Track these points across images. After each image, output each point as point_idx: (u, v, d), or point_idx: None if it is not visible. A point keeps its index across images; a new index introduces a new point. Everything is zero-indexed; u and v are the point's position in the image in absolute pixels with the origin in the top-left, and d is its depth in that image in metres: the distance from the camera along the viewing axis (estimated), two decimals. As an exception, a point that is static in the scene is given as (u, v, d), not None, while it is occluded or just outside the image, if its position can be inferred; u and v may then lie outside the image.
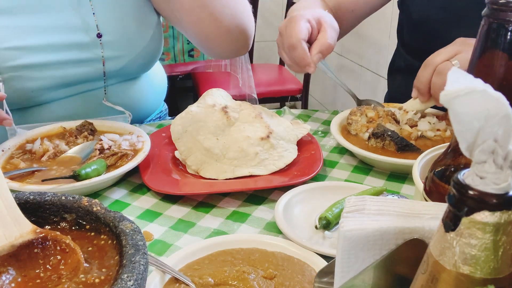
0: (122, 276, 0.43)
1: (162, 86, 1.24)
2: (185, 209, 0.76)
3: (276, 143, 0.86)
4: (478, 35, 0.44)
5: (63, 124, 0.93)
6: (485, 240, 0.27)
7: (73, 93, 1.02)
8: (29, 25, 0.91)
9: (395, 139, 0.87)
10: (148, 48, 1.04)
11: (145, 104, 1.16)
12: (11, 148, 0.86)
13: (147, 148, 0.84)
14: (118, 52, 1.00)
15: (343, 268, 0.38)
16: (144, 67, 1.10)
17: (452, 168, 0.48)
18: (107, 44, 0.98)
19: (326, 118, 1.11)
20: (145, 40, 1.03)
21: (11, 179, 0.76)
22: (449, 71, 0.28)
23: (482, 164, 0.27)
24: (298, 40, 0.91)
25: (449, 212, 0.29)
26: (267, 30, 3.32)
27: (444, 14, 1.04)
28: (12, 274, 0.47)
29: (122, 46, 1.00)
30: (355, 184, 0.80)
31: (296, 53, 0.92)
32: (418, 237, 0.37)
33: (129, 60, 1.02)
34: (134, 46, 1.02)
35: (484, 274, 0.28)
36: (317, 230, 0.69)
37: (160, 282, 0.57)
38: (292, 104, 3.23)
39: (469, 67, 0.46)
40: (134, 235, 0.48)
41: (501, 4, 0.41)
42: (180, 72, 2.77)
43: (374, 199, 0.40)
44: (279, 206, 0.72)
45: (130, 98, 1.11)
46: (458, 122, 0.27)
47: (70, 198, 0.53)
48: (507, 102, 0.26)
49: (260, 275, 0.59)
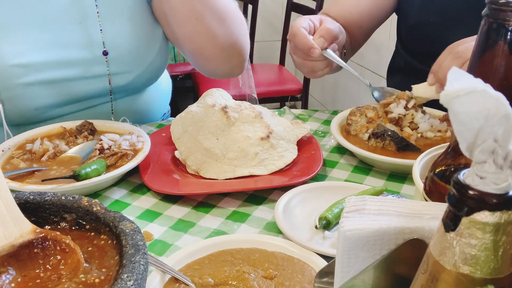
0: (122, 276, 0.43)
1: (167, 91, 1.24)
2: (185, 209, 0.76)
3: (276, 143, 0.86)
4: (478, 35, 0.44)
5: (63, 124, 0.93)
6: (485, 240, 0.27)
7: (77, 109, 1.01)
8: (35, 41, 0.90)
9: (395, 139, 0.87)
10: (155, 62, 1.03)
11: (152, 112, 1.16)
12: (11, 148, 0.86)
13: (147, 148, 0.84)
14: (124, 68, 0.98)
15: (343, 268, 0.38)
16: (151, 81, 1.09)
17: (452, 168, 0.48)
18: (113, 61, 0.96)
19: (326, 118, 1.11)
20: (152, 54, 1.02)
21: (11, 179, 0.76)
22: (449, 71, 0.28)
23: (482, 164, 0.27)
24: (297, 28, 0.94)
25: (449, 212, 0.29)
26: (267, 30, 3.32)
27: (441, 18, 1.04)
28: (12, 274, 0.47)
29: (129, 62, 0.98)
30: (355, 184, 0.80)
31: (297, 39, 0.94)
32: (418, 237, 0.37)
33: (136, 75, 1.01)
34: (141, 61, 1.00)
35: (484, 274, 0.28)
36: (317, 230, 0.69)
37: (160, 282, 0.57)
38: (292, 104, 3.23)
39: (469, 67, 0.46)
40: (134, 235, 0.48)
41: (501, 4, 0.41)
42: (180, 72, 2.77)
43: (374, 199, 0.40)
44: (279, 206, 0.72)
45: (138, 110, 1.10)
46: (458, 122, 0.27)
47: (70, 198, 0.53)
48: (507, 102, 0.26)
49: (260, 275, 0.59)
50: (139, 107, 1.10)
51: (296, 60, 1.00)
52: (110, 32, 0.95)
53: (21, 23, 0.89)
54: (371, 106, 0.99)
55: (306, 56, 0.96)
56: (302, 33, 0.94)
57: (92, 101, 1.01)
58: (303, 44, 0.94)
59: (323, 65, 0.99)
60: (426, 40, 1.09)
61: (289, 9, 2.67)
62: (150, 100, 1.13)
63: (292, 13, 2.67)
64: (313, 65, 0.98)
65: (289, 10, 2.67)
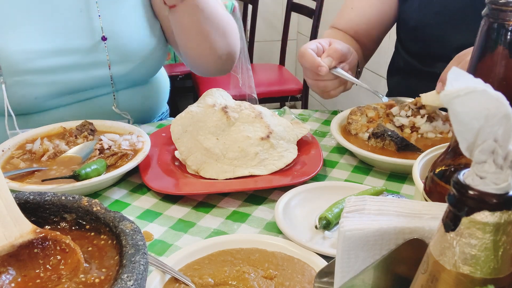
0: (122, 276, 0.43)
1: (165, 88, 1.24)
2: (185, 209, 0.76)
3: (276, 143, 0.86)
4: (478, 35, 0.44)
5: (63, 124, 0.93)
6: (485, 240, 0.27)
7: (78, 100, 1.01)
8: (38, 28, 0.91)
9: (395, 139, 0.87)
10: (153, 55, 1.05)
11: (150, 108, 1.17)
12: (11, 148, 0.86)
13: (147, 148, 0.84)
14: (123, 56, 1.00)
15: (343, 268, 0.38)
16: (149, 73, 1.10)
17: (452, 168, 0.48)
18: (113, 48, 0.98)
19: (326, 118, 1.11)
20: (151, 45, 1.03)
21: (11, 179, 0.76)
22: (449, 71, 0.28)
23: (482, 164, 0.27)
24: (305, 48, 0.97)
25: (449, 212, 0.29)
26: (267, 30, 3.32)
27: (441, 19, 1.05)
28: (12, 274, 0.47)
29: (128, 51, 1.00)
30: (355, 184, 0.80)
31: (304, 59, 0.97)
32: (418, 237, 0.37)
33: (135, 65, 1.02)
34: (140, 51, 1.02)
35: (484, 274, 0.28)
36: (317, 230, 0.69)
37: (160, 282, 0.57)
38: (292, 104, 3.23)
39: (469, 67, 0.46)
40: (134, 235, 0.48)
41: (501, 4, 0.41)
42: (180, 72, 2.77)
43: (374, 199, 0.40)
44: (279, 206, 0.72)
45: (137, 104, 1.11)
46: (458, 122, 0.27)
47: (70, 198, 0.53)
48: (507, 102, 0.26)
49: (260, 275, 0.59)
50: (139, 101, 1.11)
51: (308, 81, 1.02)
52: (108, 18, 0.97)
53: (25, 10, 0.91)
54: (371, 106, 0.99)
55: (315, 76, 0.99)
56: (309, 53, 0.96)
57: (93, 92, 1.02)
58: (310, 63, 0.96)
59: (335, 84, 1.01)
60: (426, 41, 1.09)
61: (289, 9, 2.67)
62: (149, 95, 1.14)
63: (292, 13, 2.67)
64: (324, 84, 1.00)
65: (289, 10, 2.67)
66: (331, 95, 1.03)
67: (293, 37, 3.35)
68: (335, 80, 1.00)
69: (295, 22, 3.30)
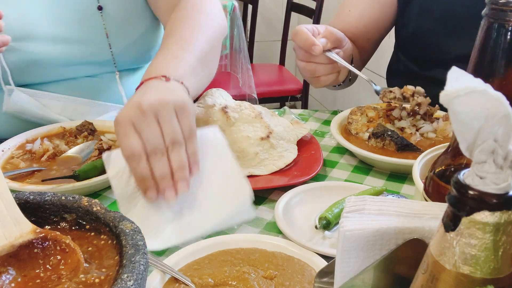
0: (122, 276, 0.43)
1: None
2: (185, 209, 0.76)
3: (276, 143, 0.86)
4: (478, 35, 0.44)
5: (63, 124, 0.93)
6: (485, 240, 0.27)
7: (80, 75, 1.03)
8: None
9: (395, 139, 0.87)
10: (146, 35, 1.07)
11: None
12: (11, 148, 0.86)
13: (147, 148, 0.84)
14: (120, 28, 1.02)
15: (343, 268, 0.38)
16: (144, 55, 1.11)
17: (452, 168, 0.48)
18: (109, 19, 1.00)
19: (326, 118, 1.11)
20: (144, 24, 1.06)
21: (11, 179, 0.76)
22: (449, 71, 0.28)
23: (482, 164, 0.27)
24: (300, 27, 0.93)
25: (449, 212, 0.29)
26: (267, 30, 3.32)
27: (440, 26, 1.03)
28: (12, 274, 0.47)
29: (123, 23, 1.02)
30: (355, 184, 0.80)
31: (299, 37, 0.92)
32: (418, 237, 0.37)
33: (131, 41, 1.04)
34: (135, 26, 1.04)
35: (484, 274, 0.28)
36: (317, 230, 0.69)
37: (160, 282, 0.57)
38: (292, 104, 3.23)
39: (469, 67, 0.46)
40: (134, 235, 0.48)
41: (501, 4, 0.41)
42: (180, 72, 2.77)
43: (374, 199, 0.40)
44: (279, 206, 0.72)
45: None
46: (458, 122, 0.27)
47: (70, 198, 0.53)
48: (507, 102, 0.26)
49: (260, 275, 0.59)
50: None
51: (299, 63, 0.97)
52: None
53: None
54: (371, 106, 0.99)
55: (308, 57, 0.94)
56: (304, 31, 0.92)
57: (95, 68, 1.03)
58: (304, 41, 0.91)
59: (326, 70, 0.95)
60: (426, 47, 1.08)
61: (289, 9, 2.67)
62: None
63: (292, 13, 2.67)
64: (315, 67, 0.95)
65: (289, 10, 2.67)
66: (320, 82, 0.98)
67: (293, 37, 3.35)
68: (327, 65, 0.95)
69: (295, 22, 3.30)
